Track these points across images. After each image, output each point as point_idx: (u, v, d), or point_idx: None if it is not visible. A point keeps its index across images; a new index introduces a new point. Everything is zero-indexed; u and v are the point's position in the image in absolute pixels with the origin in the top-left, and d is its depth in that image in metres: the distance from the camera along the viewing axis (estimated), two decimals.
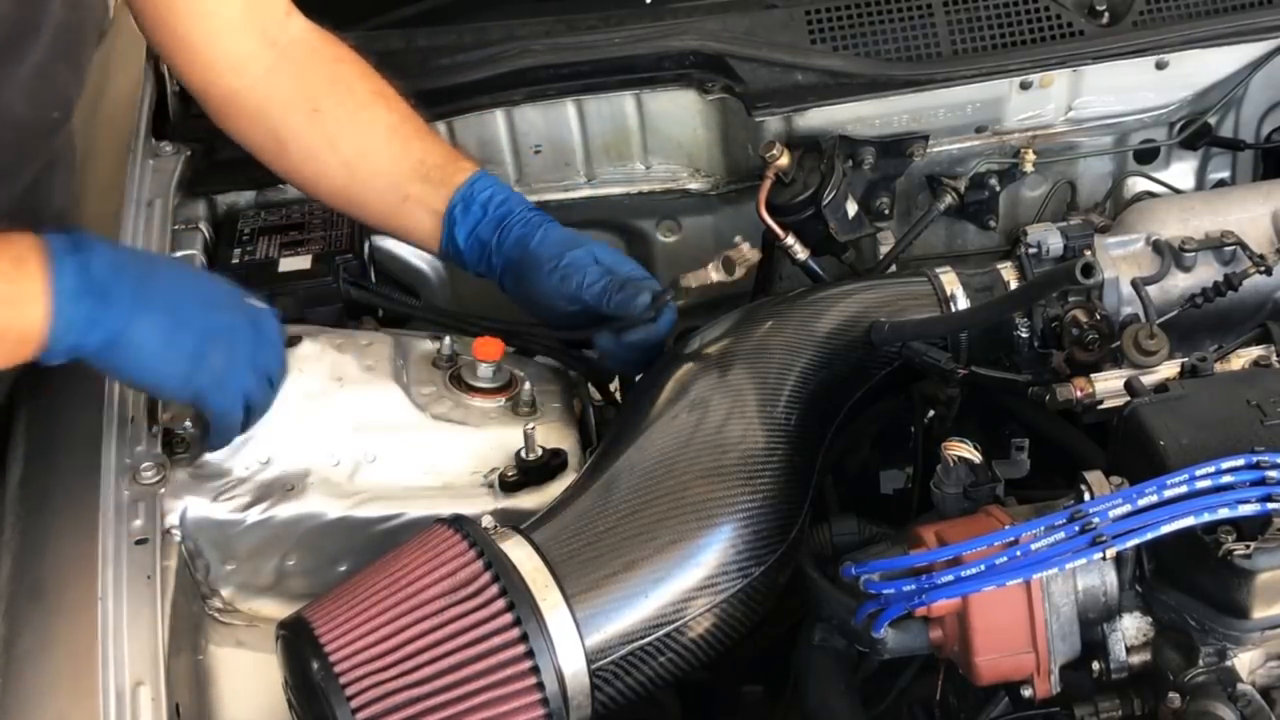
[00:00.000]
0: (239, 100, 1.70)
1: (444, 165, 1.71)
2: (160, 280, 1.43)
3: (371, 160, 1.71)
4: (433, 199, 1.70)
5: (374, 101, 1.71)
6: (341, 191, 1.73)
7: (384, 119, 1.71)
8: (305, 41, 1.71)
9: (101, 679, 1.34)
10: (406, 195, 1.70)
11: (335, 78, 1.71)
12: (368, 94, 1.72)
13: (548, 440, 1.60)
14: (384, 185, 1.71)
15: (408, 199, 1.70)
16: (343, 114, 1.70)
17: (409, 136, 1.72)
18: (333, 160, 1.70)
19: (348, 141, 1.70)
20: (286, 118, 1.69)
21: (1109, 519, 1.30)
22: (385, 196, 1.71)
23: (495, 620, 1.32)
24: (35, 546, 1.47)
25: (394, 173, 1.71)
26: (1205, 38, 1.95)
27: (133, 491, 1.49)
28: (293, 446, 1.57)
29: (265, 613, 1.56)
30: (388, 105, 1.72)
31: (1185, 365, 1.51)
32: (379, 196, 1.72)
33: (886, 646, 1.37)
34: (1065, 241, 1.68)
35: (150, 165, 1.87)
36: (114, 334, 1.37)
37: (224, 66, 1.68)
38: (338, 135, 1.70)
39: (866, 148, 1.95)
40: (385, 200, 1.71)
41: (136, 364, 1.41)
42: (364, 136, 1.70)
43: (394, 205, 1.71)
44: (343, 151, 1.70)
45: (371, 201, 1.73)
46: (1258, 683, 1.34)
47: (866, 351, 1.65)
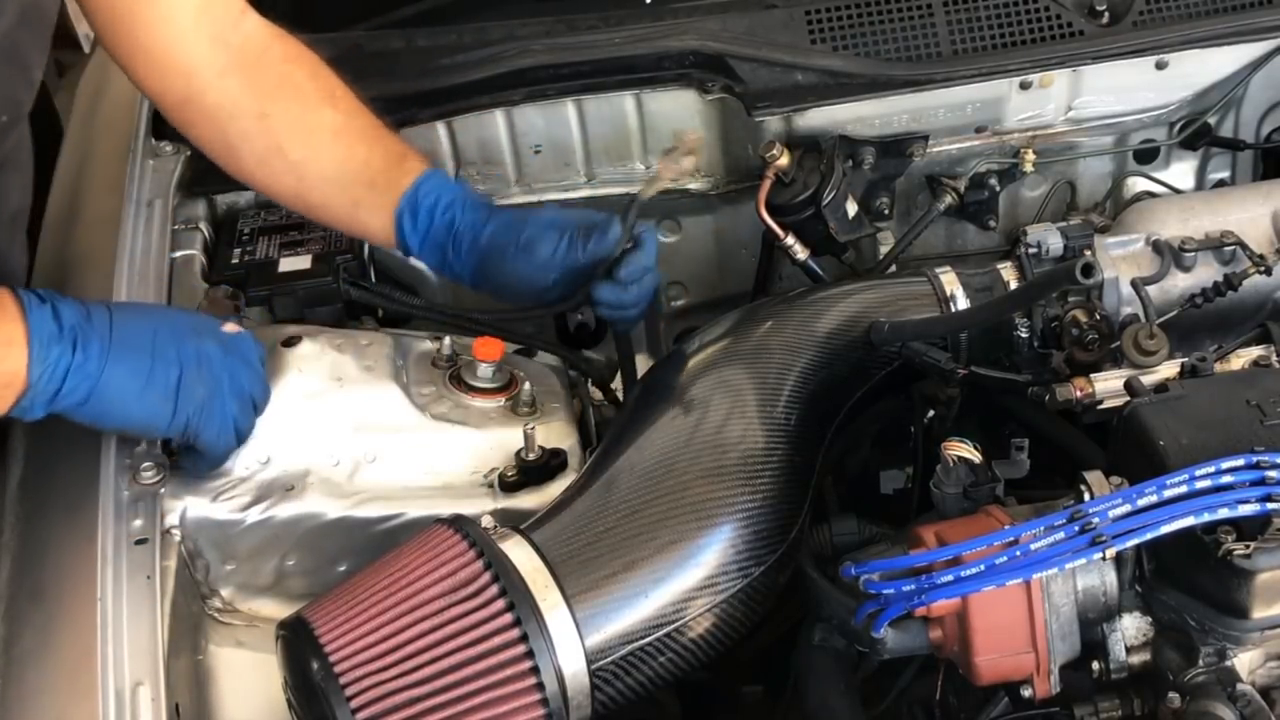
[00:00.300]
0: (192, 106, 1.68)
1: (388, 169, 1.69)
2: (129, 321, 1.44)
3: (318, 165, 1.68)
4: (381, 204, 1.68)
5: (321, 104, 1.69)
6: (295, 196, 1.72)
7: (329, 122, 1.68)
8: (258, 42, 1.68)
9: (101, 679, 1.34)
10: (356, 201, 1.68)
11: (284, 79, 1.68)
12: (315, 95, 1.69)
13: (548, 440, 1.60)
14: (332, 190, 1.69)
15: (358, 204, 1.69)
16: (290, 118, 1.68)
17: (354, 140, 1.69)
18: (281, 165, 1.68)
19: (295, 146, 1.67)
20: (237, 123, 1.67)
21: (1109, 519, 1.30)
22: (335, 201, 1.69)
23: (495, 620, 1.32)
24: (35, 547, 1.47)
25: (341, 178, 1.68)
26: (1205, 38, 1.95)
27: (133, 491, 1.49)
28: (293, 446, 1.57)
29: (265, 613, 1.56)
30: (334, 106, 1.69)
31: (1185, 365, 1.51)
32: (329, 201, 1.70)
33: (886, 646, 1.37)
34: (1065, 241, 1.68)
35: (150, 165, 1.87)
36: (93, 381, 1.39)
37: (176, 72, 1.66)
38: (285, 140, 1.67)
39: (866, 148, 1.95)
40: (336, 204, 1.70)
41: (121, 410, 1.42)
42: (311, 140, 1.68)
43: (346, 210, 1.70)
44: (290, 156, 1.68)
45: (322, 206, 1.71)
46: (1257, 683, 1.34)
47: (866, 351, 1.65)
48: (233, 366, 1.48)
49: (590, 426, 1.73)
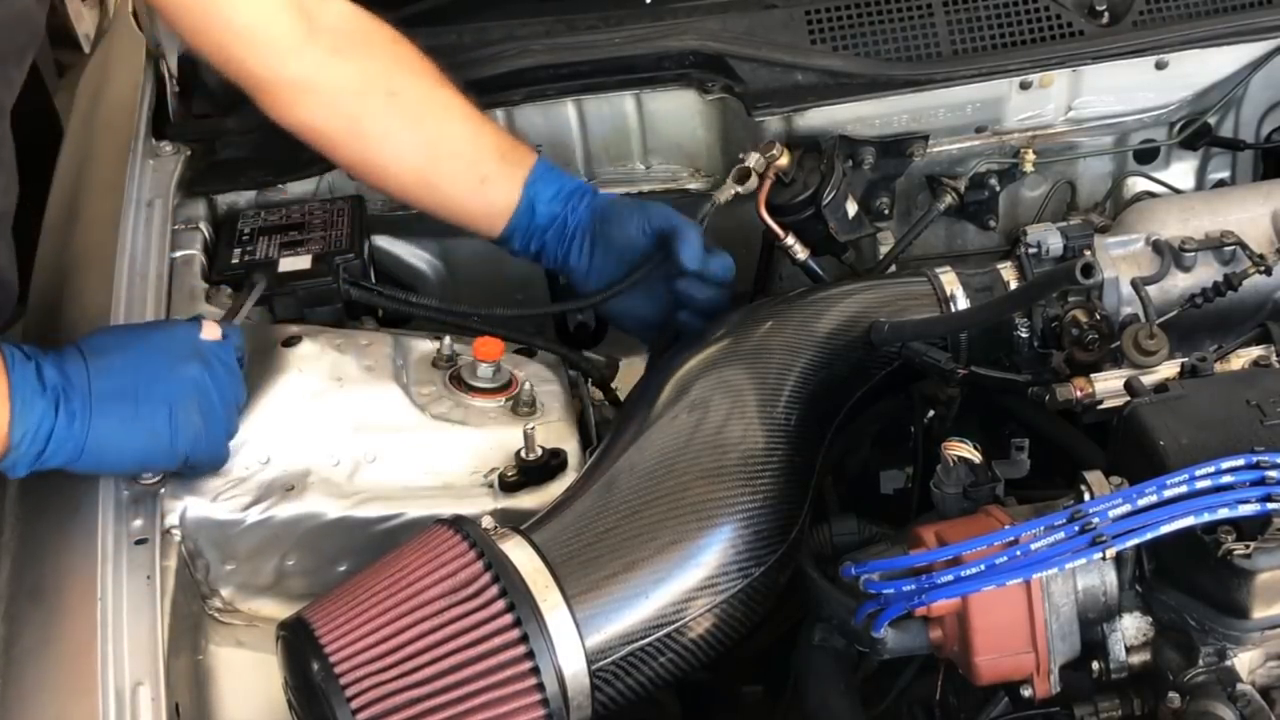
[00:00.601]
0: (307, 87, 1.67)
1: (515, 147, 1.74)
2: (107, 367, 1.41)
3: (451, 141, 1.71)
4: (511, 177, 1.72)
5: (442, 82, 1.72)
6: (417, 175, 1.72)
7: (457, 100, 1.72)
8: (357, 22, 1.69)
9: (101, 679, 1.34)
10: (484, 176, 1.71)
11: (399, 59, 1.70)
12: (433, 74, 1.71)
13: (548, 440, 1.60)
14: (463, 166, 1.71)
15: (485, 180, 1.71)
16: (419, 94, 1.69)
17: (480, 118, 1.73)
18: (413, 141, 1.70)
19: (429, 121, 1.70)
20: (364, 100, 1.68)
21: (1109, 519, 1.30)
22: (463, 177, 1.71)
23: (495, 621, 1.32)
24: (35, 547, 1.47)
25: (473, 153, 1.71)
26: (1205, 38, 1.94)
27: (133, 491, 1.49)
28: (293, 446, 1.57)
29: (265, 613, 1.56)
30: (451, 87, 1.73)
31: (1185, 365, 1.51)
32: (456, 178, 1.72)
33: (886, 646, 1.37)
34: (1065, 241, 1.67)
35: (150, 165, 1.87)
36: (79, 440, 1.38)
37: (264, 50, 1.64)
38: (419, 115, 1.69)
39: (866, 148, 1.95)
40: (462, 182, 1.72)
41: (116, 459, 1.43)
42: (443, 116, 1.70)
43: (471, 187, 1.72)
44: (425, 131, 1.70)
45: (447, 184, 1.73)
46: (1257, 683, 1.34)
47: (866, 351, 1.65)
48: (219, 382, 1.47)
49: (590, 426, 1.73)
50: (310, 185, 1.94)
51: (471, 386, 1.67)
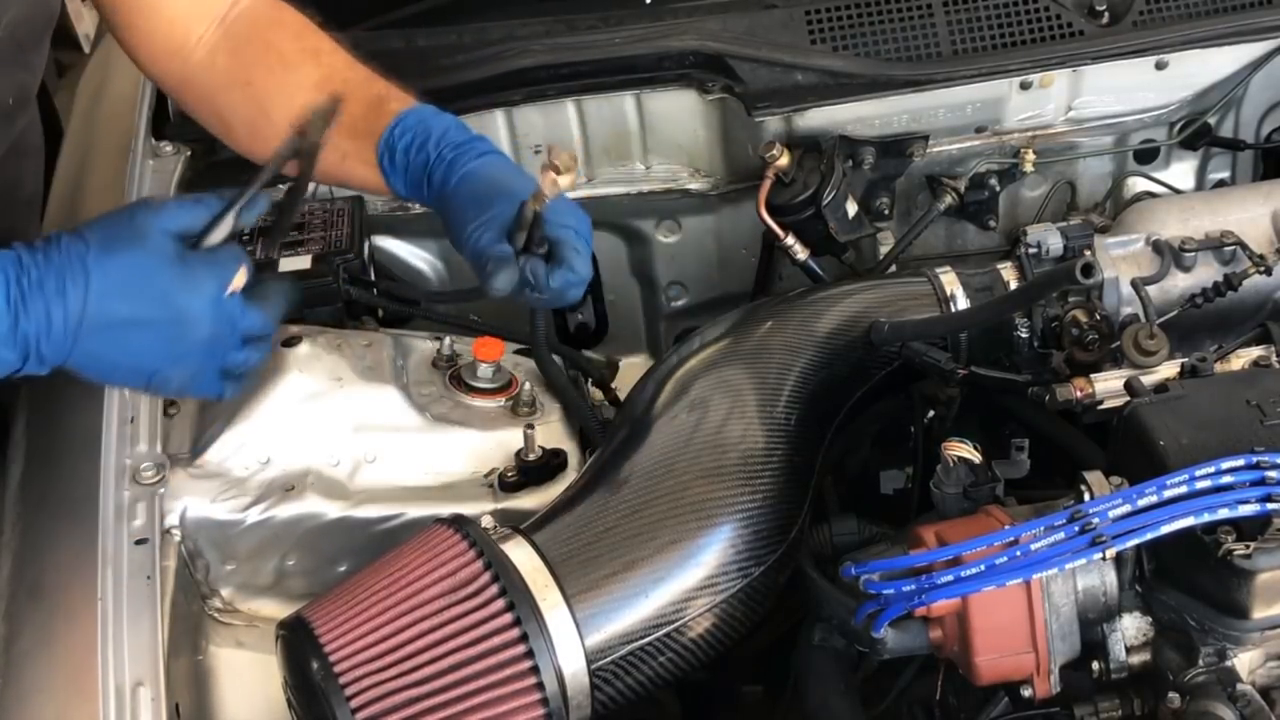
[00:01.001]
0: (189, 85, 1.67)
1: (368, 115, 1.61)
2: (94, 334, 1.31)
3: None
4: (366, 151, 1.61)
5: (301, 61, 1.65)
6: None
7: (309, 78, 1.64)
8: (250, 14, 1.67)
9: (101, 679, 1.34)
10: (344, 153, 1.61)
11: (268, 46, 1.66)
12: (297, 56, 1.65)
13: (548, 440, 1.60)
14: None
15: (345, 157, 1.62)
16: (272, 81, 1.65)
17: (334, 91, 1.60)
18: (270, 130, 1.62)
19: (278, 107, 1.62)
20: (225, 95, 1.66)
21: (1109, 519, 1.29)
22: (326, 157, 1.57)
23: (495, 620, 1.32)
24: (35, 546, 1.47)
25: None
26: (1205, 38, 1.94)
27: (133, 491, 1.49)
28: (293, 446, 1.57)
29: (265, 613, 1.56)
30: (317, 61, 1.65)
31: (1185, 365, 1.51)
32: (321, 157, 1.57)
33: (886, 646, 1.37)
34: (1065, 241, 1.68)
35: (150, 165, 1.87)
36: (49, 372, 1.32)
37: (172, 53, 1.65)
38: (268, 103, 1.64)
39: (866, 148, 1.95)
40: (327, 161, 1.58)
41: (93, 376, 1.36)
42: (292, 100, 1.61)
43: (336, 165, 1.63)
44: (275, 119, 1.61)
45: (319, 164, 1.59)
46: (1258, 683, 1.34)
47: (866, 351, 1.65)
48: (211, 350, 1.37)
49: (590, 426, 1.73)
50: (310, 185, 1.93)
51: (471, 387, 1.67)
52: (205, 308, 1.33)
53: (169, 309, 1.32)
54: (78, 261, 1.30)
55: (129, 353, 1.32)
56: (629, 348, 2.18)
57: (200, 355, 1.36)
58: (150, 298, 1.32)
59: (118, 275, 1.31)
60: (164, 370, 1.35)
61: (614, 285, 2.15)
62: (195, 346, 1.35)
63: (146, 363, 1.34)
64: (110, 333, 1.31)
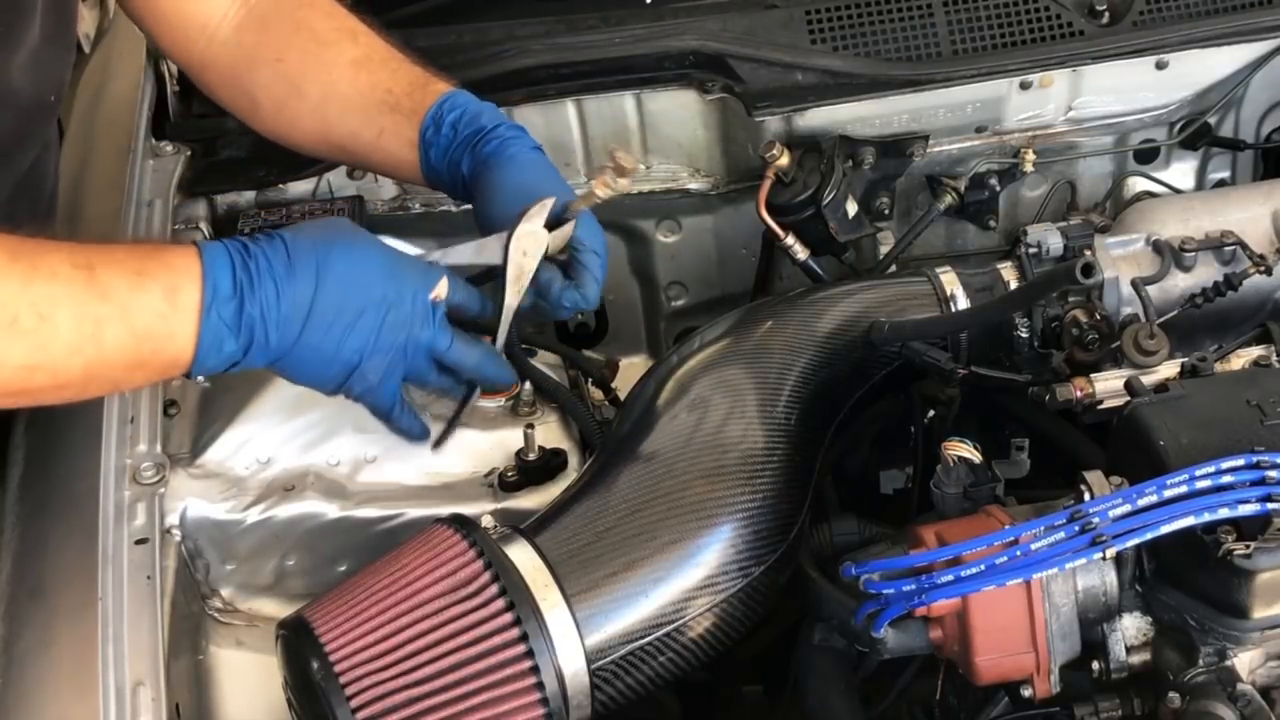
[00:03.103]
0: (213, 64, 1.68)
1: (413, 92, 1.63)
2: (319, 314, 1.36)
3: (339, 100, 1.64)
4: (405, 127, 1.62)
5: (338, 39, 1.66)
6: (319, 137, 1.68)
7: (348, 54, 1.65)
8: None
9: (101, 679, 1.34)
10: (380, 129, 1.63)
11: (298, 24, 1.67)
12: (331, 32, 1.66)
13: (548, 440, 1.60)
14: (356, 123, 1.65)
15: (382, 133, 1.63)
16: (306, 58, 1.65)
17: (375, 69, 1.65)
18: (302, 107, 1.65)
19: (313, 84, 1.64)
20: (254, 73, 1.66)
21: (1109, 519, 1.29)
22: (360, 134, 1.65)
23: (495, 620, 1.32)
24: (35, 546, 1.47)
25: (363, 108, 1.64)
26: (1205, 38, 1.94)
27: (133, 491, 1.49)
28: (293, 446, 1.57)
29: (265, 613, 1.56)
30: (354, 40, 1.66)
31: (1185, 365, 1.51)
32: (354, 135, 1.65)
33: (886, 646, 1.37)
34: (1065, 241, 1.67)
35: (150, 165, 1.87)
36: (261, 367, 1.38)
37: (196, 32, 1.66)
38: (302, 80, 1.64)
39: (866, 148, 1.95)
40: (361, 139, 1.65)
41: (289, 377, 1.42)
42: (328, 76, 1.64)
43: (370, 142, 1.65)
44: (310, 96, 1.64)
45: (349, 142, 1.67)
46: (1258, 683, 1.34)
47: (866, 351, 1.65)
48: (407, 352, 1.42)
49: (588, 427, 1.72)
50: (310, 185, 1.94)
51: None
52: (407, 295, 1.40)
53: (379, 292, 1.39)
54: (305, 249, 1.36)
55: (344, 344, 1.38)
56: (629, 348, 2.18)
57: (395, 346, 1.41)
58: (366, 285, 1.39)
59: (340, 263, 1.38)
60: (365, 361, 1.39)
61: (614, 285, 2.14)
62: (393, 332, 1.40)
63: (352, 355, 1.39)
64: (333, 320, 1.37)
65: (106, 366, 1.30)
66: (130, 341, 1.29)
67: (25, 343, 1.25)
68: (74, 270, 1.27)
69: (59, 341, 1.26)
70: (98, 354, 1.28)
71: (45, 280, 1.26)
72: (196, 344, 1.31)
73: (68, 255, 1.29)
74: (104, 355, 1.29)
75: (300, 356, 1.37)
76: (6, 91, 1.48)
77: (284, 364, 1.38)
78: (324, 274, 1.36)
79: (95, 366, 1.29)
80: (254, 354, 1.35)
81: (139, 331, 1.29)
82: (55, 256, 1.28)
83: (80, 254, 1.29)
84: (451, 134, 1.60)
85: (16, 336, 1.24)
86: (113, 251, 1.32)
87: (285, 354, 1.36)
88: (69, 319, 1.26)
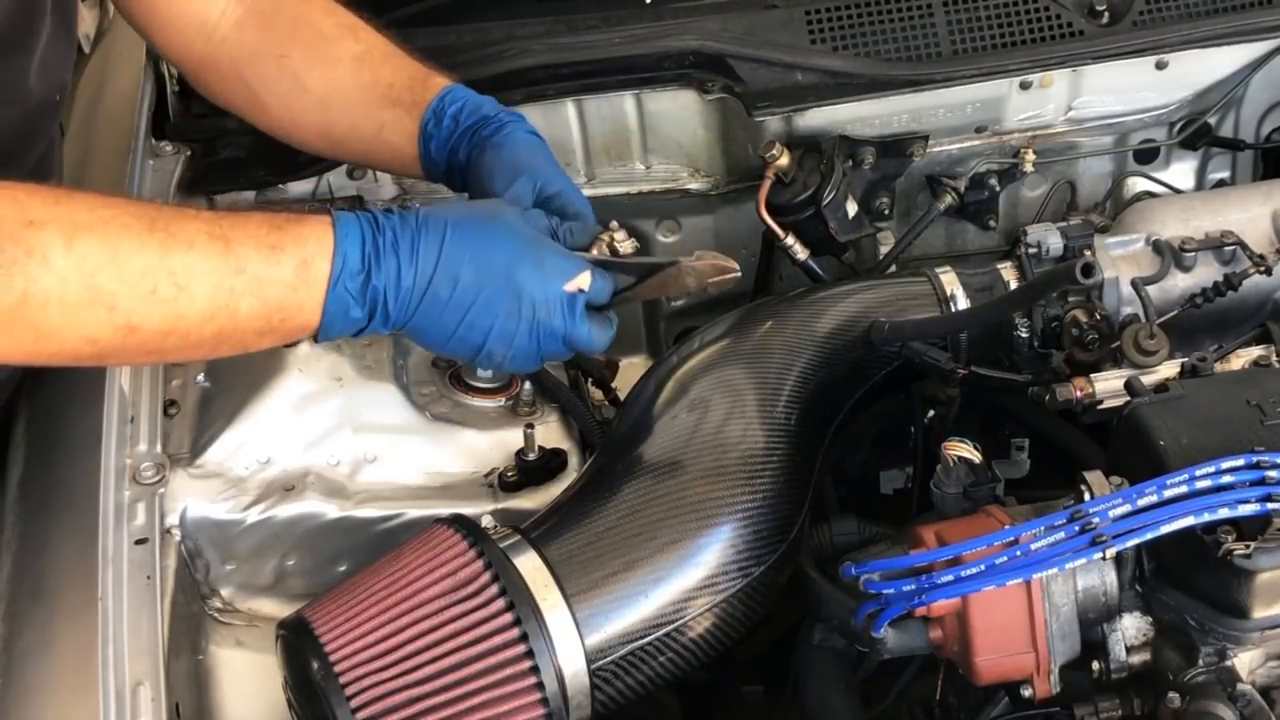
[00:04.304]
0: (213, 62, 1.68)
1: (413, 86, 1.65)
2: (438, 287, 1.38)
3: (341, 94, 1.66)
4: (406, 121, 1.64)
5: (340, 35, 1.67)
6: (321, 132, 1.69)
7: (350, 50, 1.67)
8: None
9: (101, 679, 1.34)
10: (381, 124, 1.65)
11: (300, 20, 1.68)
12: (333, 28, 1.68)
13: (548, 440, 1.60)
14: (358, 117, 1.66)
15: (383, 127, 1.65)
16: (309, 53, 1.66)
17: (377, 64, 1.67)
18: (305, 102, 1.67)
19: (316, 79, 1.66)
20: (256, 68, 1.67)
21: (1109, 519, 1.30)
22: (361, 128, 1.66)
23: (495, 620, 1.32)
24: (35, 546, 1.47)
25: (365, 102, 1.66)
26: (1205, 38, 1.94)
27: (133, 491, 1.49)
28: (293, 446, 1.57)
29: (265, 613, 1.56)
30: (355, 36, 1.68)
31: (1185, 365, 1.51)
32: (356, 130, 1.67)
33: (886, 646, 1.37)
34: (1065, 241, 1.68)
35: (150, 165, 1.87)
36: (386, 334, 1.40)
37: (194, 30, 1.67)
38: (306, 75, 1.66)
39: (866, 148, 1.95)
40: (362, 132, 1.67)
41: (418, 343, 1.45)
42: (331, 72, 1.66)
43: (371, 136, 1.66)
44: (313, 90, 1.66)
45: (350, 137, 1.68)
46: (1258, 683, 1.34)
47: (866, 351, 1.65)
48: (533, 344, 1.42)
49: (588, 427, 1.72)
50: (310, 185, 1.94)
51: (471, 387, 1.67)
52: (541, 288, 1.40)
53: (509, 283, 1.39)
54: (435, 227, 1.37)
55: (465, 322, 1.38)
56: (629, 348, 2.18)
57: (526, 337, 1.41)
58: (492, 268, 1.38)
59: (469, 244, 1.38)
60: (492, 347, 1.40)
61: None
62: (525, 325, 1.40)
63: (477, 335, 1.39)
64: (452, 299, 1.37)
65: (238, 332, 1.33)
66: (261, 311, 1.33)
67: (163, 310, 1.28)
68: (210, 241, 1.30)
69: (194, 310, 1.29)
70: (230, 322, 1.32)
71: (183, 250, 1.29)
72: (323, 314, 1.34)
73: (205, 225, 1.32)
74: (236, 323, 1.32)
75: (421, 327, 1.39)
76: (22, 93, 1.49)
77: (408, 333, 1.40)
78: (448, 251, 1.37)
79: (227, 332, 1.33)
80: (376, 323, 1.37)
81: (270, 302, 1.32)
82: (192, 225, 1.31)
83: (216, 224, 1.32)
84: (453, 125, 1.62)
85: (155, 304, 1.28)
86: (247, 222, 1.35)
87: (406, 324, 1.38)
88: (205, 290, 1.29)
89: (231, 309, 1.31)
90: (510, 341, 1.41)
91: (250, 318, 1.33)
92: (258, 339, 1.36)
